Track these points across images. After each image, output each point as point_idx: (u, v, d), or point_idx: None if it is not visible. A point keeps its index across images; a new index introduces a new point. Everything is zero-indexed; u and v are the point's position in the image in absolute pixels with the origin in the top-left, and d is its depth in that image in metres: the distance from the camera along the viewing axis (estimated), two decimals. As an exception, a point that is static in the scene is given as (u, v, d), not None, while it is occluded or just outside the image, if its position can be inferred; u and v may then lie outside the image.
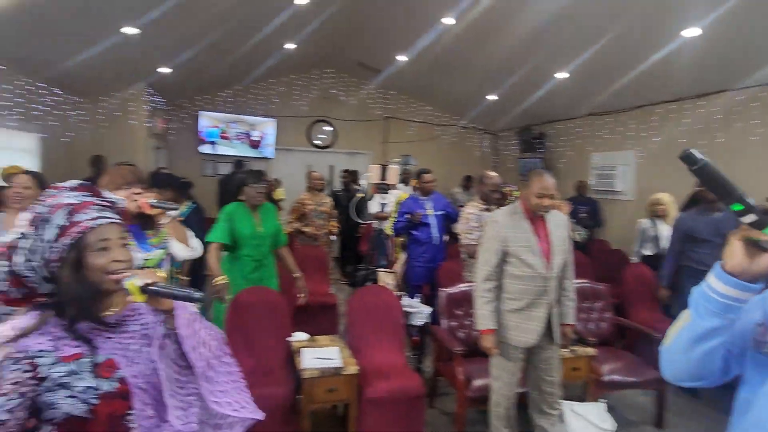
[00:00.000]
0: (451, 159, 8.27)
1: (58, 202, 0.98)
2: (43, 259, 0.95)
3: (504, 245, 2.28)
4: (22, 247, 0.95)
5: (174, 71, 5.76)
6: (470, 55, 5.73)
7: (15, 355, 0.90)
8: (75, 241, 0.96)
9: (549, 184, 2.25)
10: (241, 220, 2.89)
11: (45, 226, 0.96)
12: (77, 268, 0.96)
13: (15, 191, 2.37)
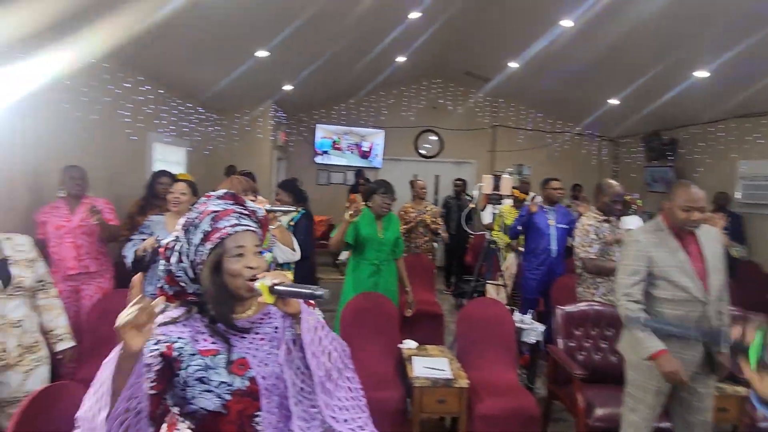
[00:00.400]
0: (564, 168, 7.75)
1: (206, 209, 1.07)
2: (190, 261, 1.04)
3: (649, 266, 2.05)
4: (176, 250, 1.06)
5: (295, 88, 6.27)
6: (589, 57, 5.36)
7: (157, 336, 1.02)
8: (215, 245, 1.03)
9: (697, 195, 1.99)
10: (364, 223, 3.05)
11: (194, 231, 1.05)
12: (216, 271, 1.03)
13: (174, 197, 2.74)
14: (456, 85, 8.03)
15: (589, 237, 3.19)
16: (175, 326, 1.06)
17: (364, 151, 8.00)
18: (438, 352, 2.81)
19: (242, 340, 1.08)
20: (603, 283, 3.19)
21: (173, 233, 1.09)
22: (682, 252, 2.03)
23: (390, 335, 2.85)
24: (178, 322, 1.06)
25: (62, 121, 3.19)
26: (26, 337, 1.92)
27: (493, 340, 2.84)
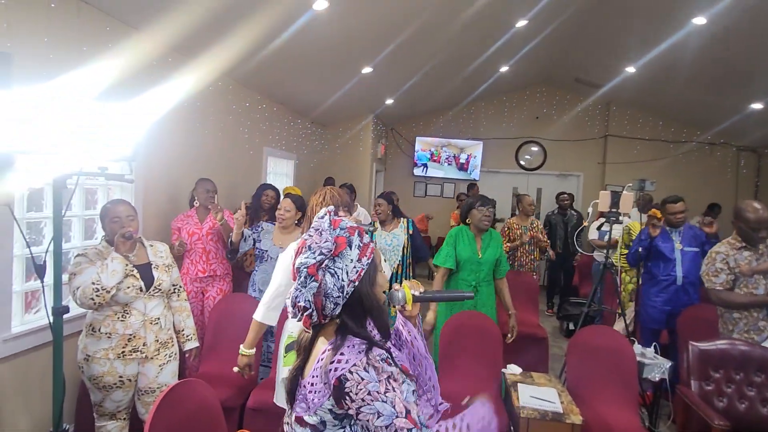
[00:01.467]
0: (690, 183, 6.91)
1: (349, 225, 1.06)
2: (349, 278, 1.01)
3: None
4: (337, 267, 1.00)
5: (396, 101, 6.38)
6: (723, 56, 4.72)
7: (375, 360, 0.97)
8: (371, 260, 1.05)
9: None
10: (462, 242, 2.96)
11: (350, 247, 1.02)
12: (372, 284, 1.05)
13: (281, 213, 2.93)
14: (562, 93, 7.59)
15: (714, 266, 2.75)
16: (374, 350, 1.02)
17: (461, 163, 7.88)
18: (545, 380, 2.60)
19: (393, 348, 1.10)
20: (742, 319, 2.73)
21: (315, 251, 1.02)
22: None
23: (493, 358, 2.71)
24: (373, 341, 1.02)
25: (193, 136, 3.57)
26: (162, 333, 2.14)
27: (610, 374, 2.57)
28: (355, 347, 0.99)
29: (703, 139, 7.09)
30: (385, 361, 0.98)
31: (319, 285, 0.99)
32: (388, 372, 0.97)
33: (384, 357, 0.99)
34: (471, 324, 2.78)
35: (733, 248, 2.78)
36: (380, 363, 0.97)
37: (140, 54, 2.78)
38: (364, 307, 1.03)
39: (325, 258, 1.00)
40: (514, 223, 4.75)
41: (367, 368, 0.96)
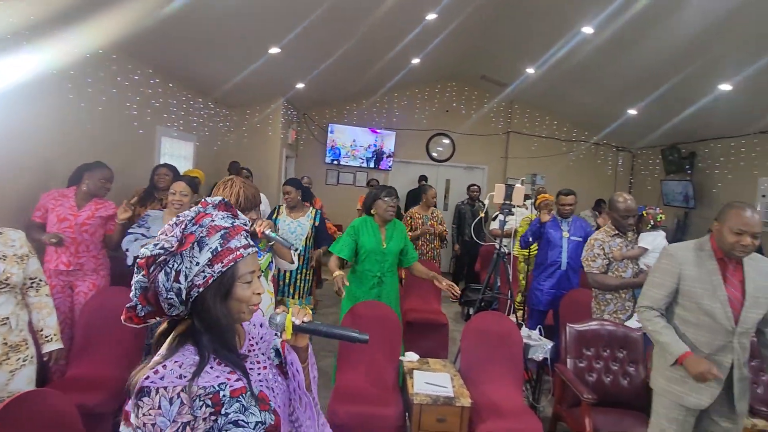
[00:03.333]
0: (580, 178, 7.61)
1: (214, 224, 0.94)
2: (188, 281, 0.88)
3: (678, 283, 1.96)
4: (172, 267, 0.88)
5: (308, 86, 6.19)
6: (609, 65, 5.22)
7: (197, 393, 0.85)
8: (227, 268, 0.91)
9: (753, 220, 1.83)
10: (366, 233, 2.94)
11: (199, 248, 0.90)
12: (225, 296, 0.92)
13: (176, 198, 2.65)
14: (470, 89, 7.92)
15: (593, 251, 3.08)
16: (207, 372, 0.89)
17: (375, 152, 7.90)
18: (440, 366, 2.70)
19: (251, 371, 0.98)
20: (613, 300, 3.07)
21: (158, 243, 0.89)
22: (718, 277, 1.90)
23: (392, 347, 2.75)
24: (204, 368, 0.89)
25: (66, 110, 3.14)
26: (12, 335, 1.85)
27: (499, 357, 2.73)
28: (182, 367, 0.86)
29: (591, 139, 7.82)
30: (209, 397, 0.86)
31: (149, 281, 0.88)
32: (190, 417, 0.83)
33: (211, 392, 0.86)
34: (372, 314, 2.79)
35: (608, 236, 3.10)
36: (197, 401, 0.84)
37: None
38: (206, 318, 0.90)
39: (163, 254, 0.88)
40: (416, 212, 4.88)
41: (173, 398, 0.82)
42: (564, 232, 3.67)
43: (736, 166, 5.80)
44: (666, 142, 6.77)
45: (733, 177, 5.86)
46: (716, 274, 1.91)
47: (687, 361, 1.87)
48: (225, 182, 1.95)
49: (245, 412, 0.89)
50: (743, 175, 5.67)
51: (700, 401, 1.90)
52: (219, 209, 0.99)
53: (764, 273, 1.93)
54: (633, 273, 3.01)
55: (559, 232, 3.69)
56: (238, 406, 0.89)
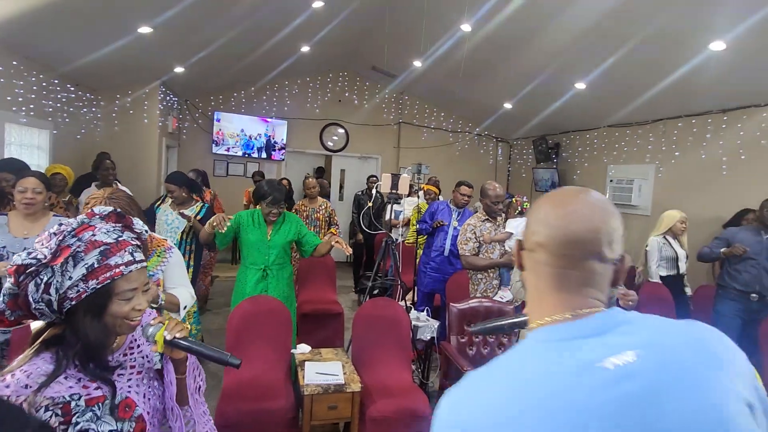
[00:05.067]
0: (465, 167, 8.16)
1: (94, 239, 0.90)
2: (59, 294, 0.87)
3: None
4: (42, 279, 0.86)
5: (188, 71, 5.75)
6: (487, 62, 5.63)
7: (43, 403, 0.84)
8: (103, 286, 0.89)
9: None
10: (250, 227, 2.84)
11: (74, 263, 0.87)
12: (99, 312, 0.90)
13: (27, 197, 2.30)
14: (362, 80, 8.00)
15: (465, 235, 3.35)
16: (57, 382, 0.87)
17: (266, 142, 7.63)
18: (333, 355, 2.73)
19: (120, 377, 0.97)
20: (483, 280, 3.37)
21: (32, 252, 0.87)
22: None
23: (282, 341, 2.71)
24: (57, 377, 0.87)
25: None
26: None
27: (389, 340, 2.84)
28: (30, 377, 0.85)
29: (474, 131, 8.41)
30: (58, 407, 0.85)
31: (19, 289, 0.87)
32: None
33: (61, 402, 0.85)
34: (260, 309, 2.72)
35: (479, 221, 3.38)
36: (42, 411, 0.83)
37: None
38: (76, 331, 0.89)
39: (35, 264, 0.86)
40: (302, 205, 4.76)
41: None
42: (454, 221, 3.91)
43: (591, 155, 6.67)
44: (536, 133, 7.53)
45: (588, 165, 6.73)
46: None
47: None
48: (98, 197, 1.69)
49: (97, 421, 0.88)
50: (596, 164, 6.54)
51: None
52: (107, 221, 0.95)
53: None
54: (499, 254, 3.33)
55: (449, 220, 3.92)
56: (90, 416, 0.88)
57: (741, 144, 4.51)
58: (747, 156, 4.45)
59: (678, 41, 3.76)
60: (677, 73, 4.13)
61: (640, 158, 5.77)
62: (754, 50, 3.55)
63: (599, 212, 0.68)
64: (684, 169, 5.15)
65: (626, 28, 3.77)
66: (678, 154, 5.24)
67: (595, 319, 0.65)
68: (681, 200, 4.92)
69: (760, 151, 4.32)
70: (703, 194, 4.82)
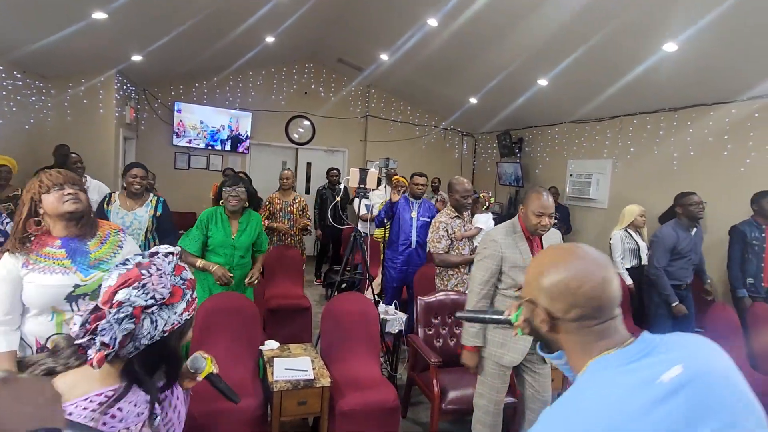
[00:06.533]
0: (431, 161, 8.25)
1: (189, 277, 1.03)
2: (163, 328, 0.96)
3: (501, 265, 2.23)
4: (160, 316, 0.95)
5: (147, 59, 5.52)
6: (453, 57, 5.69)
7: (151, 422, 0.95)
8: (191, 316, 1.03)
9: (548, 202, 2.17)
10: (215, 225, 2.78)
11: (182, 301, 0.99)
12: (181, 337, 1.02)
13: None
14: (328, 72, 7.92)
15: (438, 233, 3.39)
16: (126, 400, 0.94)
17: (229, 134, 7.44)
18: (302, 350, 2.72)
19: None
20: (455, 275, 3.43)
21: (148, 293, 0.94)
22: (530, 256, 2.23)
23: (250, 338, 2.67)
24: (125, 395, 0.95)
25: None
26: None
27: (357, 334, 2.85)
28: (138, 405, 0.93)
29: (441, 125, 8.49)
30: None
31: (134, 328, 0.92)
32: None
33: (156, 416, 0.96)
34: (227, 306, 2.67)
35: (449, 218, 3.43)
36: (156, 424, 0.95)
37: None
38: (161, 357, 0.99)
39: (156, 304, 0.94)
40: (276, 198, 4.69)
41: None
42: (413, 212, 3.96)
43: (552, 150, 6.88)
44: (501, 128, 7.69)
45: (550, 160, 6.94)
46: (527, 253, 2.24)
47: (469, 354, 2.29)
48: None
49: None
50: (557, 158, 6.76)
51: (514, 359, 2.25)
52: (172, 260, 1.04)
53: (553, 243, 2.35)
54: (470, 250, 3.40)
55: (409, 212, 3.96)
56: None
57: (690, 141, 4.77)
58: (696, 152, 4.72)
59: (633, 42, 3.92)
60: (633, 73, 4.32)
61: (598, 153, 6.00)
62: (703, 52, 3.75)
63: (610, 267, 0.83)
64: (638, 165, 5.40)
65: (586, 28, 3.89)
66: (633, 150, 5.49)
67: (635, 346, 0.79)
68: (636, 194, 5.16)
69: (707, 147, 4.59)
70: (657, 188, 5.07)
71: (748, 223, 3.56)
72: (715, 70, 4.02)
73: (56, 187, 1.64)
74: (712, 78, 4.16)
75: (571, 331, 0.82)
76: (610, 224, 5.04)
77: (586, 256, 0.83)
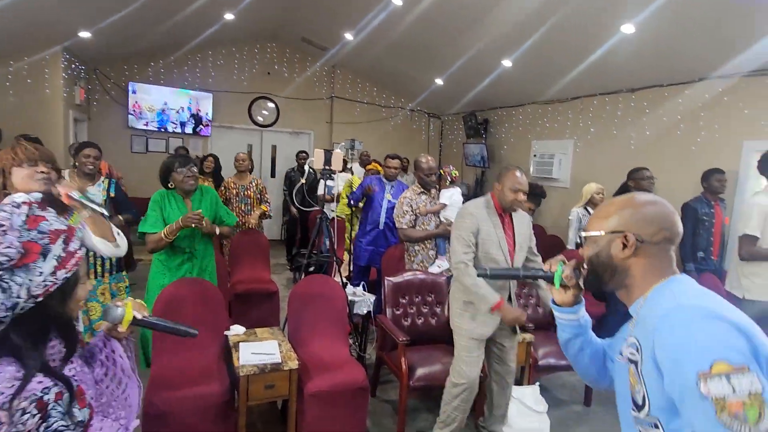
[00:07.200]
0: (398, 142, 8.22)
1: (53, 228, 0.87)
2: (27, 294, 0.83)
3: (476, 238, 2.28)
4: (12, 280, 0.81)
5: (96, 37, 5.21)
6: (419, 38, 5.64)
7: (21, 405, 0.80)
8: (73, 272, 0.90)
9: (523, 179, 2.26)
10: (170, 206, 2.67)
11: (44, 258, 0.85)
12: (66, 299, 0.91)
13: None
14: (292, 52, 7.71)
15: (402, 208, 3.41)
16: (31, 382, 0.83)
17: (189, 116, 7.16)
18: (268, 334, 2.69)
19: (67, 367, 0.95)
20: (420, 251, 3.46)
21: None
22: (501, 230, 2.29)
23: (214, 323, 2.62)
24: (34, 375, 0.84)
25: None
26: None
27: (325, 316, 2.84)
28: (6, 377, 0.81)
29: (407, 106, 8.45)
30: (33, 406, 0.81)
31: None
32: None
33: (34, 400, 0.81)
34: (190, 292, 2.60)
35: (415, 194, 3.44)
36: (19, 415, 0.79)
37: None
38: (45, 324, 0.88)
39: (3, 267, 0.81)
40: (232, 182, 4.56)
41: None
42: (387, 194, 3.95)
43: (517, 131, 6.98)
44: (467, 110, 7.73)
45: (514, 140, 7.05)
46: (499, 227, 2.31)
47: (502, 309, 2.24)
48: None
49: (65, 416, 0.86)
50: (521, 139, 6.87)
51: (485, 332, 2.31)
52: (48, 207, 0.89)
53: (523, 223, 2.43)
54: (435, 225, 3.43)
55: (382, 193, 3.95)
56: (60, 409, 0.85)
57: (646, 121, 4.94)
58: (651, 132, 4.89)
59: (593, 22, 3.98)
60: (594, 54, 4.40)
61: (561, 134, 6.13)
62: (659, 34, 3.86)
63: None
64: (598, 145, 5.56)
65: (546, 9, 3.93)
66: (593, 131, 5.63)
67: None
68: (596, 173, 5.32)
69: (662, 128, 4.76)
70: (615, 168, 5.24)
71: (699, 200, 3.73)
72: (670, 53, 4.14)
73: (30, 163, 1.64)
74: (667, 60, 4.29)
75: (652, 254, 0.94)
76: (571, 203, 5.18)
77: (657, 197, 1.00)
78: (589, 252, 1.02)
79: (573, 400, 3.23)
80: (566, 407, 3.15)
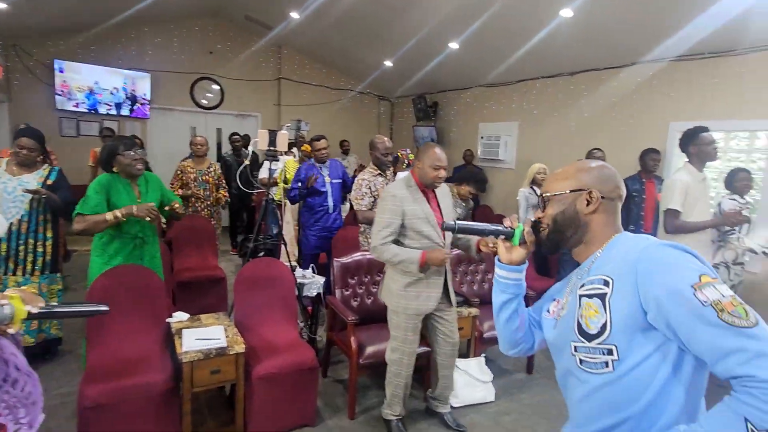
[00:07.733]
0: (348, 124, 8.16)
1: None
2: None
3: (403, 219, 2.29)
4: None
5: (14, 8, 4.75)
6: (366, 18, 5.57)
7: None
8: None
9: (443, 156, 2.29)
10: (117, 192, 2.53)
11: None
12: None
13: None
14: (235, 30, 7.40)
15: (361, 190, 3.39)
16: None
17: (124, 97, 6.74)
18: (214, 320, 2.62)
19: None
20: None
21: None
22: (427, 205, 2.32)
23: (155, 311, 2.52)
24: None
25: None
26: None
27: (273, 299, 2.80)
28: None
29: (357, 88, 8.37)
30: None
31: None
32: None
33: None
34: (126, 281, 2.48)
35: (372, 175, 3.43)
36: None
37: None
38: None
39: None
40: (188, 166, 4.39)
41: None
42: (326, 177, 3.88)
43: (465, 114, 7.11)
44: (416, 92, 7.77)
45: (462, 123, 7.18)
46: (425, 203, 2.34)
47: (428, 257, 2.24)
48: None
49: None
50: (469, 122, 7.00)
51: (428, 307, 2.36)
52: None
53: (447, 195, 2.49)
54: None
55: (322, 177, 3.87)
56: None
57: (584, 104, 5.17)
58: (588, 114, 5.13)
59: (534, 6, 4.09)
60: (536, 38, 4.53)
61: (506, 116, 6.30)
62: (595, 19, 4.02)
63: None
64: (541, 126, 5.77)
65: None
66: (536, 113, 5.84)
67: None
68: (540, 154, 5.53)
69: (598, 109, 5.00)
70: (557, 148, 5.47)
71: (631, 178, 3.97)
72: (605, 37, 4.34)
73: None
74: (602, 45, 4.49)
75: (608, 210, 1.04)
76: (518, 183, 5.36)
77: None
78: (554, 210, 1.07)
79: (516, 369, 3.39)
80: (510, 376, 3.30)
